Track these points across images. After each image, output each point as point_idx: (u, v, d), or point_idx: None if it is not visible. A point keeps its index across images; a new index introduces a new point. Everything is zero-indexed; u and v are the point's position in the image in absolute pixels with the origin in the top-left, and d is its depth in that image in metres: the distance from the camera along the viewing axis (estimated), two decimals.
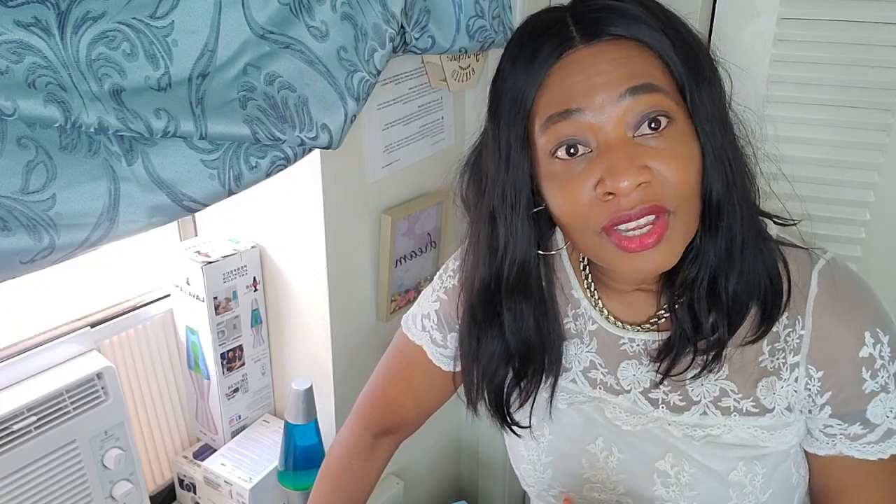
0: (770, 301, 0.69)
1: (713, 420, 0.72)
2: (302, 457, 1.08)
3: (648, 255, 0.63)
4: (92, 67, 0.62)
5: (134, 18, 0.65)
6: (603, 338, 0.77)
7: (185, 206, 0.74)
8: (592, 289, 0.78)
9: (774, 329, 0.70)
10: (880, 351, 0.68)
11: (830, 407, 0.70)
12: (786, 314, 0.69)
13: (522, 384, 0.78)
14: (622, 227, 0.63)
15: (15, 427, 0.91)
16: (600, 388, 0.78)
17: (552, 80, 0.64)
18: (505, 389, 0.79)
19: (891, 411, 0.70)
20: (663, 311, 0.74)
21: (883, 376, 0.69)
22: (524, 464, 0.85)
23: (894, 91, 1.00)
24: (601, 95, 0.62)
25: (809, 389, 0.70)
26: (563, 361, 0.79)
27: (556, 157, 0.65)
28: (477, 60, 1.15)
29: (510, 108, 0.67)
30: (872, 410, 0.69)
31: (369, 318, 1.18)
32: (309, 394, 1.05)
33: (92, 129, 0.63)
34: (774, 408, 0.71)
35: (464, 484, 1.55)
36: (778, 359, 0.70)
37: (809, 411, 0.72)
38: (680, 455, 0.74)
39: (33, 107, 0.58)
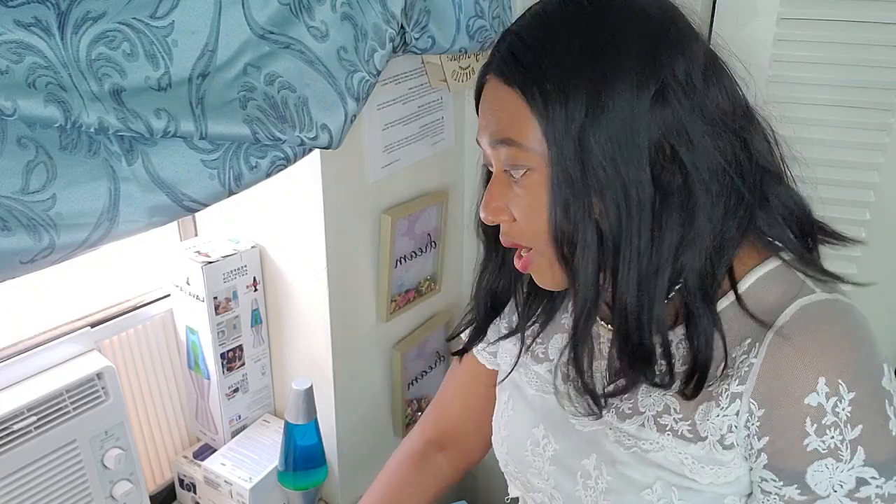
0: (695, 359, 0.64)
1: (647, 434, 0.69)
2: (302, 457, 1.08)
3: (532, 274, 0.71)
4: (92, 67, 0.62)
5: (134, 18, 0.65)
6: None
7: (185, 206, 0.74)
8: None
9: (733, 354, 0.64)
10: (835, 406, 0.58)
11: (766, 455, 0.62)
12: (748, 340, 0.63)
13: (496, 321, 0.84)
14: None
15: (15, 427, 0.91)
16: (570, 385, 0.75)
17: (482, 96, 0.70)
18: (486, 327, 0.84)
19: (840, 485, 0.59)
20: None
21: (832, 437, 0.59)
22: (494, 434, 0.87)
23: (894, 91, 1.00)
24: (483, 137, 0.68)
25: (749, 428, 0.63)
26: (548, 352, 0.81)
27: None
28: (477, 61, 1.15)
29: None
30: (814, 476, 0.60)
31: (369, 319, 1.18)
32: (309, 394, 1.05)
33: (92, 129, 0.63)
34: (707, 437, 0.65)
35: (463, 485, 1.55)
36: (722, 384, 0.64)
37: (748, 456, 0.65)
38: (603, 458, 0.72)
39: (33, 107, 0.58)
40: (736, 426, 0.63)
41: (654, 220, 0.61)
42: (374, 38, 0.84)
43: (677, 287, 0.65)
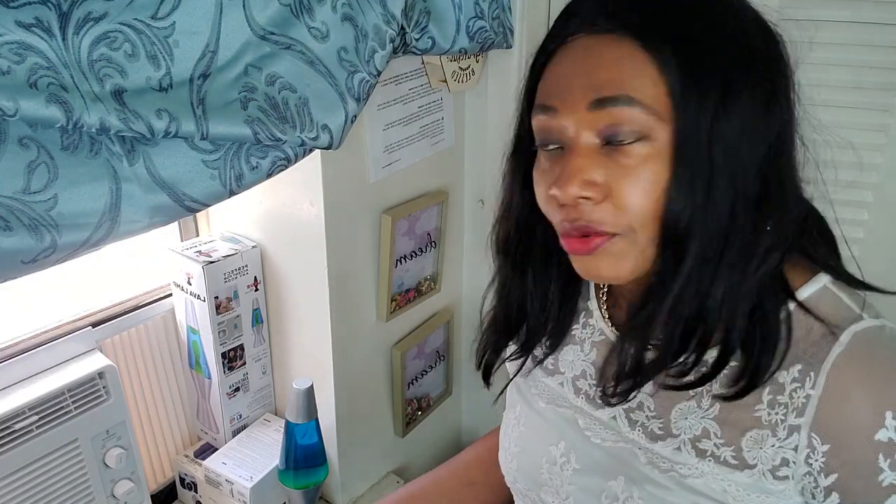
0: (754, 354, 0.61)
1: (685, 458, 0.65)
2: (302, 456, 1.08)
3: (593, 261, 0.61)
4: (93, 68, 0.63)
5: (135, 19, 0.65)
6: (603, 350, 0.74)
7: (186, 207, 0.74)
8: (604, 298, 0.76)
9: (781, 380, 0.61)
10: None
11: (838, 494, 0.59)
12: (798, 366, 0.60)
13: (510, 345, 0.80)
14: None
15: (17, 426, 0.91)
16: (583, 398, 0.74)
17: (553, 63, 0.62)
18: (500, 353, 0.80)
19: None
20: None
21: None
22: (501, 451, 0.84)
23: (893, 92, 1.00)
24: (574, 99, 0.59)
25: (811, 465, 0.59)
26: (558, 364, 0.77)
27: (538, 146, 0.64)
28: (477, 61, 1.15)
29: (527, 83, 0.66)
30: None
31: (370, 318, 1.18)
32: (310, 393, 1.05)
33: (93, 130, 0.63)
34: (756, 465, 0.62)
35: None
36: (777, 413, 0.61)
37: (813, 496, 0.61)
38: (634, 481, 0.68)
39: (35, 107, 0.59)
40: (794, 461, 0.60)
41: (757, 215, 0.59)
42: (374, 39, 0.84)
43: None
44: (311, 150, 0.83)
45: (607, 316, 0.75)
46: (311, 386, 1.05)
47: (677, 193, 0.57)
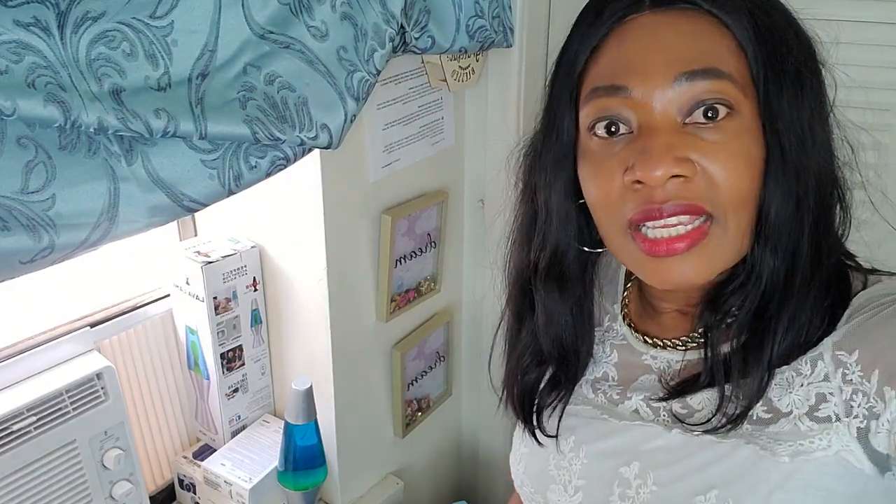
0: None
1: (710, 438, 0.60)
2: (302, 457, 1.08)
3: (676, 263, 0.55)
4: (91, 67, 0.62)
5: (133, 18, 0.64)
6: (625, 354, 0.70)
7: (184, 206, 0.74)
8: (625, 301, 0.72)
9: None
10: None
11: (891, 387, 0.52)
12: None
13: (554, 390, 0.71)
14: (650, 224, 0.55)
15: (14, 427, 0.91)
16: (601, 396, 0.70)
17: (609, 45, 0.58)
18: (536, 393, 0.72)
19: None
20: (696, 335, 0.64)
21: None
22: (512, 454, 0.78)
23: (894, 91, 1.00)
24: (654, 76, 0.54)
25: (849, 380, 0.54)
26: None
27: (595, 133, 0.58)
28: (477, 60, 1.14)
29: (563, 71, 0.61)
30: None
31: (369, 319, 1.18)
32: (309, 394, 1.05)
33: (92, 129, 0.63)
34: (791, 411, 0.57)
35: (463, 485, 1.55)
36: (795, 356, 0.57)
37: (875, 417, 0.53)
38: (650, 466, 0.63)
39: (33, 107, 0.58)
40: (831, 392, 0.55)
41: (833, 204, 0.58)
42: (373, 38, 0.84)
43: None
44: (310, 150, 0.83)
45: (629, 319, 0.72)
46: (311, 387, 1.05)
47: (773, 172, 0.54)
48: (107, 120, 0.63)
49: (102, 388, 0.99)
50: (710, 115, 0.54)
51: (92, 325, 1.04)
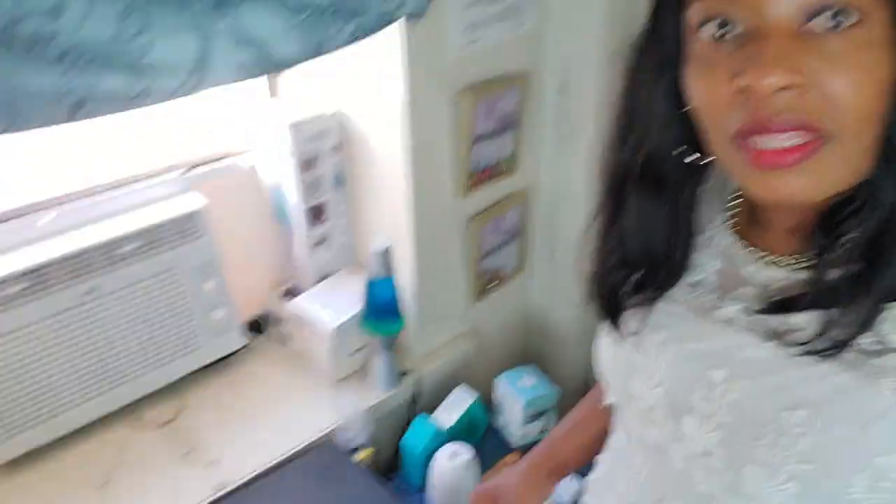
0: None
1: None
2: (381, 308, 1.18)
3: (784, 177, 0.50)
4: None
5: None
6: (727, 262, 0.66)
7: (271, 64, 0.79)
8: (734, 211, 0.68)
9: None
10: None
11: None
12: None
13: (637, 296, 0.69)
14: (757, 138, 0.50)
15: (122, 250, 1.04)
16: (696, 299, 0.67)
17: None
18: (619, 294, 0.70)
19: None
20: (805, 256, 0.59)
21: None
22: (597, 339, 0.76)
23: None
24: None
25: None
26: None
27: (701, 35, 0.53)
28: None
29: None
30: None
31: (448, 192, 1.23)
32: (387, 254, 1.13)
33: None
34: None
35: (531, 351, 1.64)
36: None
37: None
38: (739, 376, 0.61)
39: None
40: None
41: None
42: None
43: None
44: (394, 20, 0.85)
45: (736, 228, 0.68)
46: (389, 248, 1.13)
47: None
48: None
49: (198, 226, 1.10)
50: (836, 20, 0.47)
51: (190, 169, 1.14)
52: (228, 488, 1.08)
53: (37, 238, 1.02)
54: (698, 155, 0.62)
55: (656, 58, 0.59)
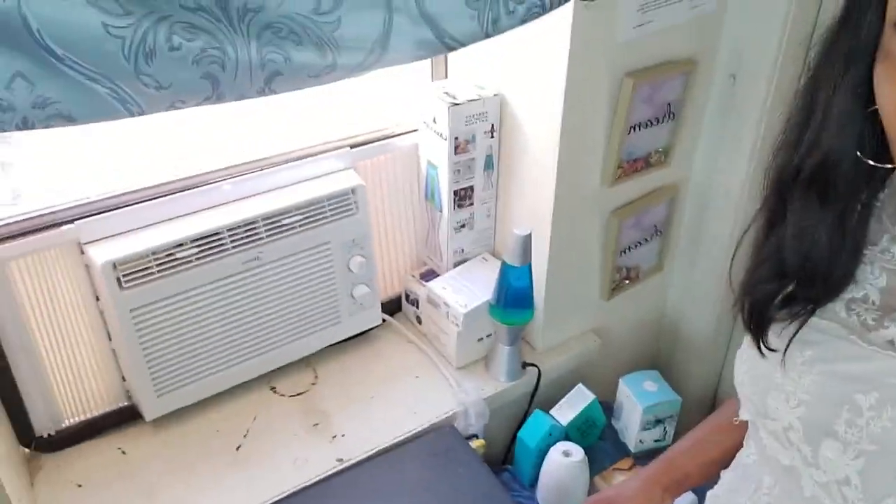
0: None
1: None
2: (513, 296, 1.17)
3: None
4: None
5: None
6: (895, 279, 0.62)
7: (445, 44, 0.79)
8: None
9: None
10: None
11: None
12: None
13: (788, 308, 0.66)
14: None
15: (285, 221, 1.09)
16: (854, 318, 0.63)
17: None
18: (769, 306, 0.67)
19: None
20: None
21: None
22: (739, 350, 0.73)
23: None
24: None
25: None
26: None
27: None
28: None
29: None
30: None
31: (594, 180, 1.20)
32: (528, 240, 1.13)
33: None
34: None
35: (659, 357, 1.59)
36: None
37: None
38: (889, 400, 0.58)
39: None
40: None
41: None
42: None
43: None
44: (566, 0, 0.84)
45: None
46: (530, 234, 1.12)
47: None
48: None
49: (355, 202, 1.14)
50: None
51: (352, 147, 1.18)
52: (349, 462, 1.11)
53: (211, 206, 1.07)
54: (887, 165, 0.57)
55: (846, 50, 0.55)
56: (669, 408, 1.30)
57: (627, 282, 1.38)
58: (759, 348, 0.68)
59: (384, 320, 1.32)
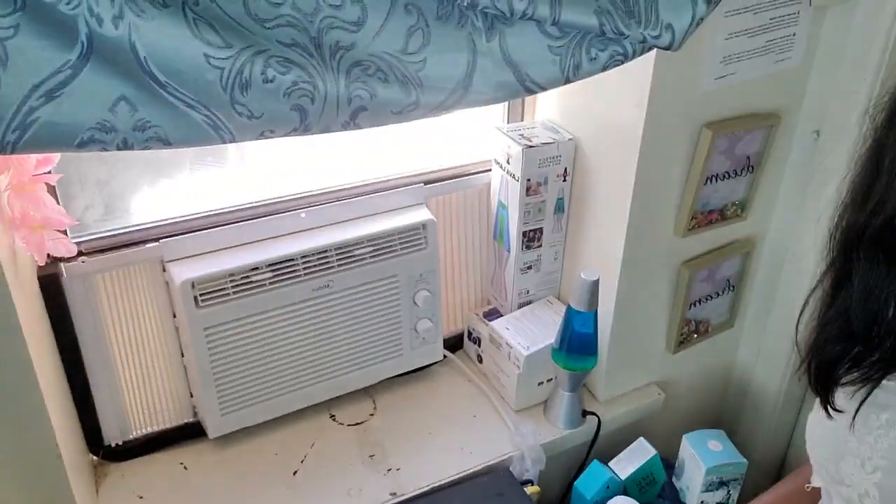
0: None
1: None
2: (576, 341, 1.16)
3: None
4: None
5: None
6: None
7: (526, 87, 0.81)
8: None
9: None
10: None
11: None
12: None
13: (856, 371, 0.65)
14: None
15: (356, 252, 1.11)
16: None
17: None
18: (836, 368, 0.66)
19: None
20: None
21: None
22: (849, 456, 0.69)
23: None
24: None
25: None
26: None
27: None
28: None
29: None
30: None
31: (666, 230, 1.19)
32: (595, 285, 1.11)
33: (464, 4, 0.72)
34: None
35: (725, 415, 1.53)
36: None
37: None
38: None
39: None
40: None
41: None
42: None
43: None
44: (649, 49, 0.84)
45: None
46: (598, 279, 1.11)
47: None
48: None
49: (424, 237, 1.15)
50: None
51: (425, 183, 1.20)
52: (402, 497, 1.11)
53: (287, 232, 1.11)
54: None
55: None
56: (735, 470, 1.25)
57: (696, 336, 1.35)
58: (826, 410, 0.67)
59: (445, 356, 1.32)
